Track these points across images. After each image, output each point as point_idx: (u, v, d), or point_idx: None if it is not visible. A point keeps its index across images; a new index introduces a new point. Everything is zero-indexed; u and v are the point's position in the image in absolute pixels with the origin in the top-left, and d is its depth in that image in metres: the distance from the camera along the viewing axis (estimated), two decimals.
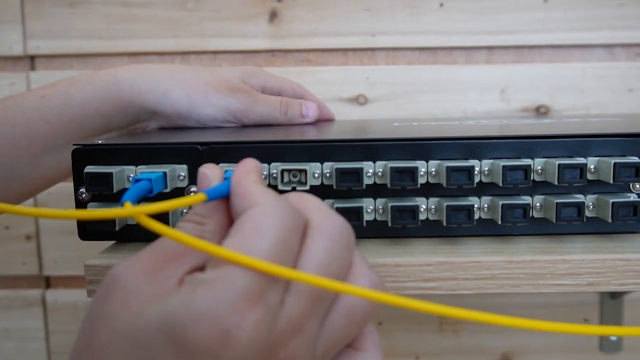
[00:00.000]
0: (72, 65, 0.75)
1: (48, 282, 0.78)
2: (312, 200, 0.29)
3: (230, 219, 0.29)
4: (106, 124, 0.49)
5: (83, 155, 0.37)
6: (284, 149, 0.36)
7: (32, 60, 0.76)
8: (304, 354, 0.26)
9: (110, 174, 0.35)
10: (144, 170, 0.35)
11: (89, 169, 0.36)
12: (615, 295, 0.75)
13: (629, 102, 0.72)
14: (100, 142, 0.38)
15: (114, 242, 0.39)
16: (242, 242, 0.25)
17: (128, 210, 0.27)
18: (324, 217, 0.27)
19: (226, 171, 0.34)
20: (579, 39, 0.72)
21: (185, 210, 0.37)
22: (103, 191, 0.35)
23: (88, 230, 0.37)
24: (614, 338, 0.76)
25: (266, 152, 0.36)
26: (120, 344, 0.25)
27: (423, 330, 0.76)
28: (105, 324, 0.25)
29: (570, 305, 0.76)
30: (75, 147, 0.37)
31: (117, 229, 0.36)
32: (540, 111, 0.73)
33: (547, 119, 0.55)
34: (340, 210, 0.35)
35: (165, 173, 0.35)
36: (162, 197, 0.36)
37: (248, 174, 0.29)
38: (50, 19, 0.74)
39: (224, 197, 0.29)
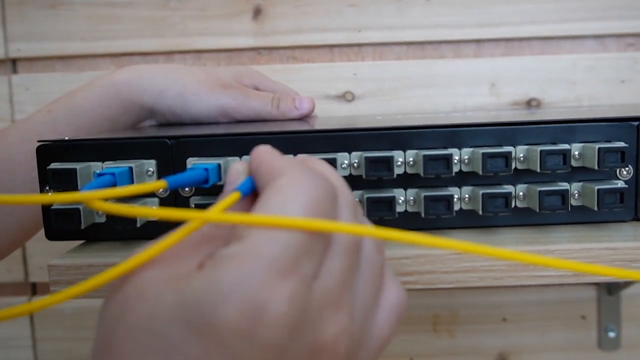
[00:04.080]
0: (55, 67, 0.74)
1: (34, 289, 0.77)
2: (325, 167, 0.28)
3: None
4: (112, 126, 0.51)
5: (48, 151, 0.36)
6: (256, 142, 0.35)
7: (13, 64, 0.74)
8: (350, 331, 0.24)
9: (74, 170, 0.33)
10: (110, 165, 0.34)
11: (53, 165, 0.34)
12: (613, 291, 0.74)
13: (622, 94, 0.71)
14: (66, 138, 0.37)
15: (82, 241, 0.37)
16: (268, 212, 0.23)
17: (81, 195, 0.26)
18: (342, 184, 0.27)
19: (193, 164, 0.33)
20: (569, 30, 0.71)
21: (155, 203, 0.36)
22: (68, 188, 0.34)
23: (54, 230, 0.35)
24: (612, 335, 0.74)
25: (237, 145, 0.35)
26: (139, 338, 0.22)
27: (417, 331, 0.75)
28: (122, 320, 0.23)
29: (568, 302, 0.74)
30: (40, 143, 0.36)
31: (82, 227, 0.34)
32: (532, 104, 0.71)
33: (535, 110, 0.53)
34: None
35: (131, 168, 0.33)
36: None
37: (269, 151, 0.27)
38: (32, 21, 0.73)
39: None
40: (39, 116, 0.50)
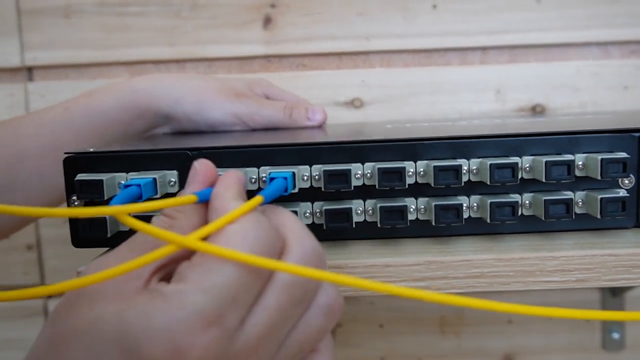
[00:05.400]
0: (69, 75, 0.76)
1: None
2: (288, 218, 0.29)
3: (205, 220, 0.29)
4: (125, 130, 0.52)
5: (75, 163, 0.37)
6: (273, 153, 0.37)
7: (29, 72, 0.76)
8: None
9: (101, 181, 0.35)
10: (134, 176, 0.36)
11: (80, 176, 0.36)
12: (616, 293, 0.75)
13: (625, 100, 0.72)
14: (91, 150, 0.38)
15: (107, 249, 0.39)
16: (209, 259, 0.26)
17: (111, 209, 0.28)
18: (297, 239, 0.28)
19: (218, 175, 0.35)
20: (573, 37, 0.72)
21: None
22: (94, 198, 0.35)
23: (80, 237, 0.37)
24: (616, 336, 0.76)
25: (255, 156, 0.37)
26: (79, 344, 0.26)
27: (424, 333, 0.76)
28: (71, 320, 0.26)
29: (572, 305, 0.75)
30: (67, 155, 0.37)
31: (109, 235, 0.36)
32: (537, 110, 0.73)
33: (539, 118, 0.55)
34: (329, 212, 0.35)
35: (154, 179, 0.35)
36: None
37: (229, 188, 0.29)
38: (47, 30, 0.74)
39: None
40: (55, 112, 0.51)
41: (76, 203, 0.37)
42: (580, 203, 0.36)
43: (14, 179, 0.49)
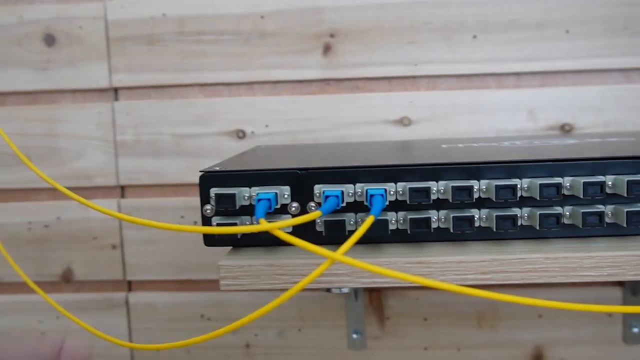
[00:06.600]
0: (151, 95, 0.86)
1: (130, 286, 0.89)
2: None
3: None
4: None
5: (208, 180, 0.47)
6: (366, 173, 0.46)
7: (116, 92, 0.87)
8: None
9: (234, 194, 0.45)
10: (257, 191, 0.46)
11: (215, 190, 0.46)
12: (637, 292, 0.84)
13: None
14: (217, 168, 0.48)
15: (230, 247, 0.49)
16: None
17: (266, 226, 0.38)
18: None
19: (324, 191, 0.45)
20: (598, 64, 0.81)
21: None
22: (228, 208, 0.45)
23: (216, 238, 0.47)
24: (636, 330, 0.84)
25: (352, 175, 0.46)
26: None
27: (464, 325, 0.86)
28: None
29: (595, 302, 0.84)
30: (202, 172, 0.47)
31: (238, 237, 0.46)
32: (565, 129, 0.82)
33: (571, 139, 0.64)
34: (412, 220, 0.45)
35: (276, 193, 0.45)
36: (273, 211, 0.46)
37: None
38: (132, 55, 0.85)
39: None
40: None
41: (208, 211, 0.47)
42: (610, 214, 0.46)
43: None
